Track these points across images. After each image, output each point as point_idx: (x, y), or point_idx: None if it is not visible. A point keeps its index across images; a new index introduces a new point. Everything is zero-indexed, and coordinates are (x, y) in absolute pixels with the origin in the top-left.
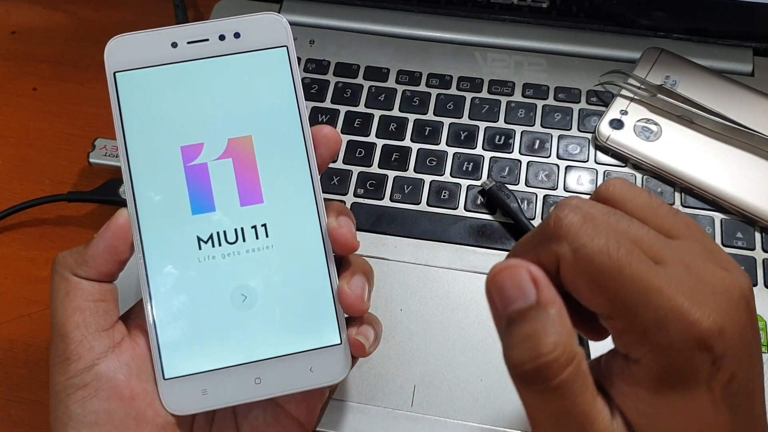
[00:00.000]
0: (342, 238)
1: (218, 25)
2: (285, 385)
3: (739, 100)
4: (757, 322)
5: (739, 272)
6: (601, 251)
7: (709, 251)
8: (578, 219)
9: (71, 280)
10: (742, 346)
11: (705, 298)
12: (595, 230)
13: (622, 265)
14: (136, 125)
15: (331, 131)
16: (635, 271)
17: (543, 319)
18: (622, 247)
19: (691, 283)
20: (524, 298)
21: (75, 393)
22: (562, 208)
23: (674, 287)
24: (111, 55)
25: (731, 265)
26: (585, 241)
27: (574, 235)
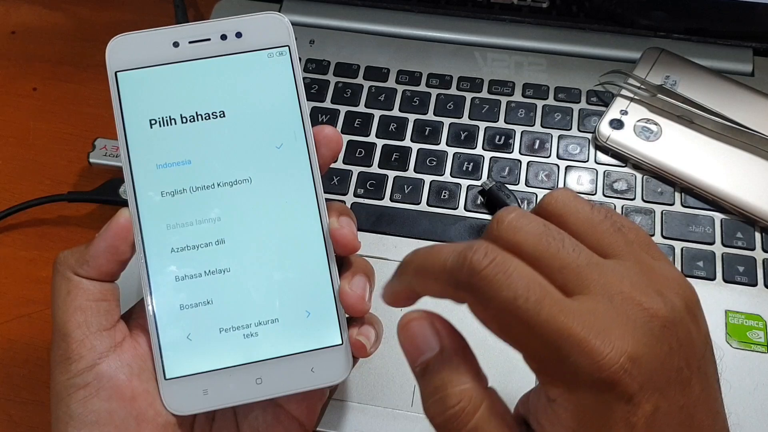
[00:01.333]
0: (343, 238)
1: (220, 24)
2: (286, 386)
3: (739, 100)
4: (694, 343)
5: (675, 294)
6: (509, 302)
7: (646, 272)
8: (490, 270)
9: (72, 279)
10: (665, 376)
11: (617, 332)
12: (505, 280)
13: (530, 315)
14: (137, 125)
15: (332, 132)
16: (544, 318)
17: (447, 370)
18: (532, 295)
19: (607, 315)
20: (429, 349)
21: (76, 392)
22: (476, 251)
23: (583, 324)
24: (112, 54)
25: (668, 286)
26: (493, 294)
27: (484, 287)
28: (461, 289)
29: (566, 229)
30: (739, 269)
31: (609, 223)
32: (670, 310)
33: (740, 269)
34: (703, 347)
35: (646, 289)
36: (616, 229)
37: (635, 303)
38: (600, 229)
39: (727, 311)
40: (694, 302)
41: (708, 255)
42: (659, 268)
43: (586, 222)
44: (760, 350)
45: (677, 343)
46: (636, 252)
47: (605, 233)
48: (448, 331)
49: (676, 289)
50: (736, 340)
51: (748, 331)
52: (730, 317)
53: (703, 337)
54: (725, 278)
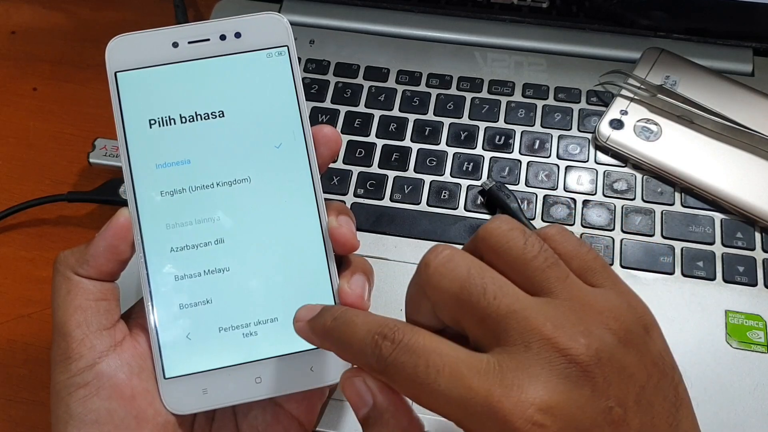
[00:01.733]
0: (342, 237)
1: (219, 24)
2: (285, 385)
3: (739, 100)
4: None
5: (606, 329)
6: (412, 377)
7: (576, 309)
8: (392, 356)
9: (72, 279)
10: (589, 421)
11: (528, 383)
12: (409, 356)
13: (431, 385)
14: (136, 125)
15: (331, 131)
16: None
17: (380, 424)
18: (432, 365)
19: (521, 369)
20: (364, 405)
21: (76, 392)
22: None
23: (495, 385)
24: (112, 54)
25: (599, 321)
26: (400, 374)
27: (391, 372)
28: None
29: (497, 266)
30: (739, 269)
31: (542, 258)
32: (595, 350)
33: (740, 269)
34: (646, 376)
35: (571, 330)
36: (550, 264)
37: (554, 348)
38: (532, 266)
39: (727, 311)
40: (634, 329)
41: (708, 255)
42: (596, 300)
43: (518, 259)
44: (760, 350)
45: (604, 382)
46: (569, 286)
47: (537, 270)
48: (379, 387)
49: (611, 321)
50: (736, 340)
51: (748, 331)
52: (730, 317)
53: (647, 365)
54: (725, 278)
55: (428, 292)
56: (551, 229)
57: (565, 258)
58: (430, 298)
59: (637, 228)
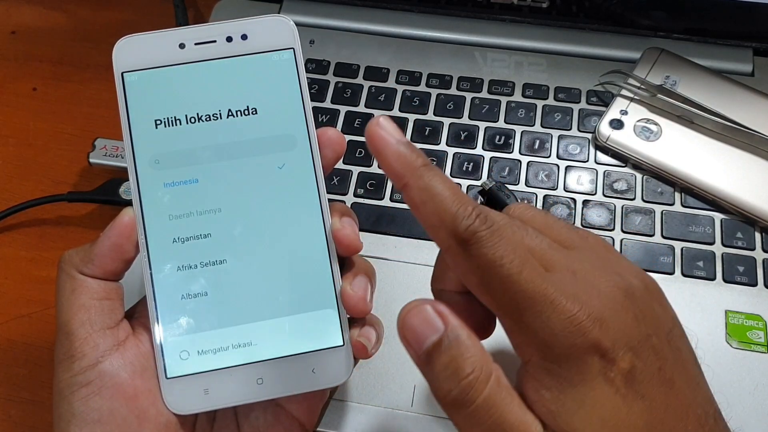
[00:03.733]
0: (346, 239)
1: (225, 26)
2: (287, 387)
3: (739, 100)
4: (659, 317)
5: (632, 275)
6: (497, 261)
7: (602, 258)
8: (485, 232)
9: (77, 278)
10: (636, 338)
11: (585, 297)
12: (498, 242)
13: (513, 273)
14: (142, 125)
15: (336, 134)
16: (524, 279)
17: (456, 346)
18: (517, 257)
19: (575, 285)
20: (435, 331)
21: (78, 390)
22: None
23: (557, 290)
24: (119, 55)
25: (625, 269)
26: (486, 251)
27: (480, 245)
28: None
29: None
30: (739, 269)
31: (562, 223)
32: (629, 284)
33: (740, 269)
34: (671, 324)
35: (605, 270)
36: (569, 228)
37: (598, 278)
38: (556, 227)
39: (727, 311)
40: (655, 287)
41: (708, 255)
42: (616, 259)
43: (543, 223)
44: (760, 350)
45: (641, 313)
46: (590, 244)
47: (561, 230)
48: (449, 312)
49: (635, 274)
50: (736, 340)
51: (748, 331)
52: (730, 317)
53: (669, 316)
54: (725, 278)
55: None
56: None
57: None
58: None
59: (637, 228)
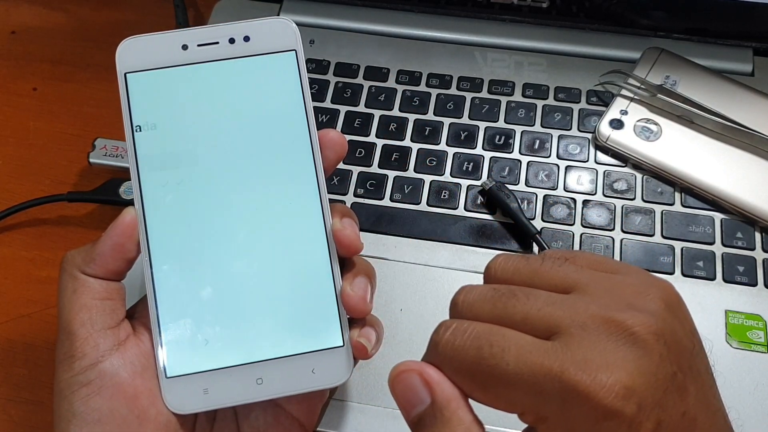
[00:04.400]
0: (346, 239)
1: (228, 28)
2: (287, 387)
3: (739, 100)
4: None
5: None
6: (475, 360)
7: (609, 289)
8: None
9: (79, 277)
10: (662, 389)
11: (603, 361)
12: (465, 339)
13: (498, 364)
14: (145, 125)
15: (337, 135)
16: (513, 363)
17: (440, 423)
18: (495, 343)
19: (587, 346)
20: (420, 402)
21: (79, 390)
22: (436, 330)
23: (567, 362)
24: (122, 56)
25: (638, 294)
26: (456, 360)
27: (448, 358)
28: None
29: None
30: (739, 269)
31: (550, 262)
32: (649, 317)
33: (740, 269)
34: (691, 343)
35: (617, 306)
36: (559, 264)
37: (611, 323)
38: (544, 270)
39: (727, 311)
40: (672, 299)
41: (708, 255)
42: (622, 280)
43: (530, 272)
44: (760, 350)
45: (665, 348)
46: (591, 274)
47: (551, 272)
48: (438, 382)
49: (649, 293)
50: (736, 340)
51: (748, 331)
52: (730, 317)
53: (689, 332)
54: (725, 278)
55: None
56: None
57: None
58: None
59: (637, 228)
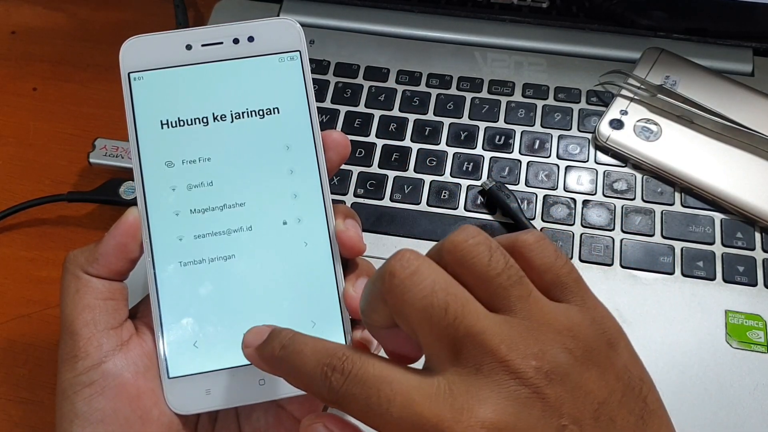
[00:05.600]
0: (349, 240)
1: (232, 28)
2: (289, 388)
3: (739, 100)
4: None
5: (562, 349)
6: (367, 409)
7: (533, 328)
8: (342, 388)
9: (82, 277)
10: None
11: (477, 404)
12: (359, 389)
13: (383, 413)
14: (148, 125)
15: (340, 136)
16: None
17: None
18: (384, 394)
19: (468, 388)
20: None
21: (82, 390)
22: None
23: (445, 411)
24: (126, 55)
25: (557, 340)
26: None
27: (345, 402)
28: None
29: (461, 279)
30: (739, 269)
31: (506, 276)
32: (546, 371)
33: (740, 269)
34: (607, 392)
35: (525, 352)
36: (513, 282)
37: (505, 371)
38: (495, 283)
39: (727, 311)
40: (595, 346)
41: (708, 255)
42: (557, 319)
43: (481, 275)
44: (760, 350)
45: (556, 401)
46: (530, 305)
47: (499, 287)
48: (340, 429)
49: (569, 340)
50: (736, 340)
51: (748, 331)
52: (730, 317)
53: (609, 381)
54: (725, 278)
55: (390, 301)
56: (530, 236)
57: (537, 270)
58: (391, 307)
59: (637, 228)
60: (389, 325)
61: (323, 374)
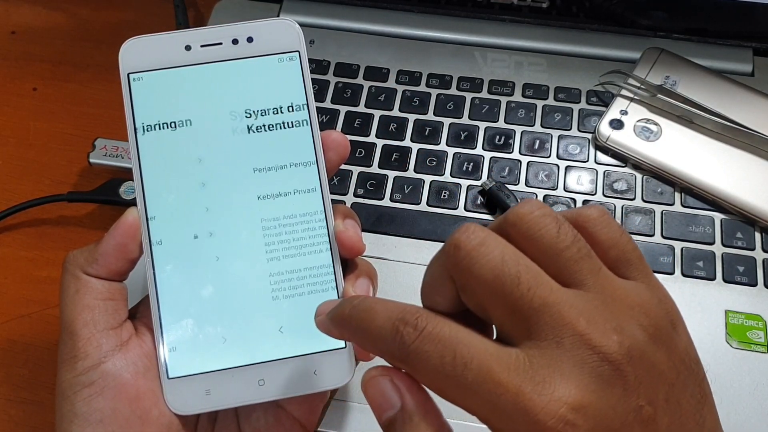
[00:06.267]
0: (349, 240)
1: (232, 29)
2: (289, 388)
3: (739, 100)
4: (661, 373)
5: (638, 325)
6: (438, 369)
7: (608, 303)
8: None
9: (81, 278)
10: (619, 420)
11: (560, 380)
12: (433, 347)
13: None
14: (147, 125)
15: (340, 137)
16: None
17: (408, 427)
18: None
19: (551, 363)
20: (390, 407)
21: (81, 391)
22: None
23: (525, 381)
24: (125, 56)
25: (631, 315)
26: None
27: (416, 360)
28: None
29: (528, 253)
30: (739, 269)
31: (575, 249)
32: (627, 348)
33: (740, 269)
34: (675, 374)
35: (603, 326)
36: (583, 255)
37: (587, 345)
38: (564, 256)
39: (727, 311)
40: (663, 325)
41: (708, 255)
42: (628, 294)
43: (550, 248)
44: (760, 350)
45: (635, 381)
46: (602, 279)
47: (569, 261)
48: (408, 387)
49: (642, 317)
50: (736, 340)
51: (748, 331)
52: (730, 317)
53: (676, 362)
54: (725, 278)
55: (456, 276)
56: (594, 211)
57: (603, 246)
58: (458, 282)
59: (637, 228)
60: (452, 309)
61: (394, 329)
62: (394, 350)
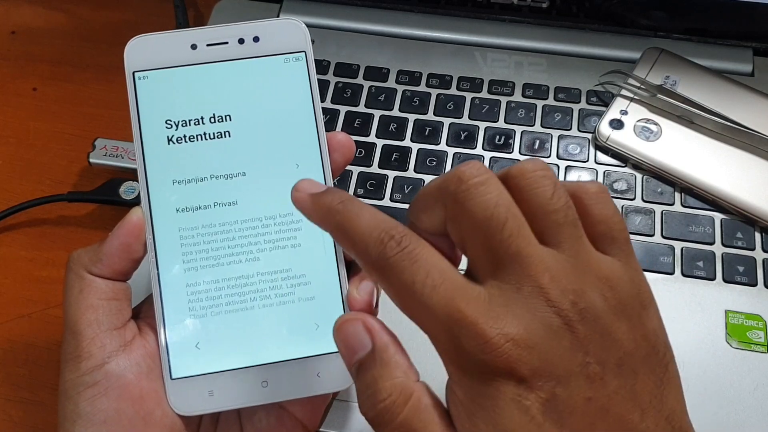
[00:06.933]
0: None
1: (238, 28)
2: (292, 390)
3: (739, 100)
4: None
5: (599, 295)
6: (407, 284)
7: (578, 268)
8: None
9: (85, 277)
10: (564, 368)
11: (510, 318)
12: (410, 264)
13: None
14: (152, 124)
15: (345, 138)
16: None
17: (379, 366)
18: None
19: (507, 303)
20: (362, 348)
21: (85, 391)
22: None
23: (477, 308)
24: (131, 54)
25: (596, 285)
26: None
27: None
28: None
29: (520, 206)
30: (739, 269)
31: (563, 213)
32: (581, 309)
33: (740, 269)
34: (634, 345)
35: (564, 286)
36: (568, 221)
37: (543, 298)
38: (550, 218)
39: (727, 311)
40: (630, 302)
41: (708, 255)
42: (600, 266)
43: (540, 208)
44: (760, 350)
45: (585, 339)
46: (578, 247)
47: (553, 223)
48: (379, 329)
49: (607, 289)
50: (736, 340)
51: (748, 331)
52: (730, 317)
53: (636, 336)
54: (725, 278)
55: (450, 205)
56: (594, 186)
57: (592, 219)
58: (449, 211)
59: (637, 228)
60: (435, 231)
61: (379, 238)
62: (372, 256)
